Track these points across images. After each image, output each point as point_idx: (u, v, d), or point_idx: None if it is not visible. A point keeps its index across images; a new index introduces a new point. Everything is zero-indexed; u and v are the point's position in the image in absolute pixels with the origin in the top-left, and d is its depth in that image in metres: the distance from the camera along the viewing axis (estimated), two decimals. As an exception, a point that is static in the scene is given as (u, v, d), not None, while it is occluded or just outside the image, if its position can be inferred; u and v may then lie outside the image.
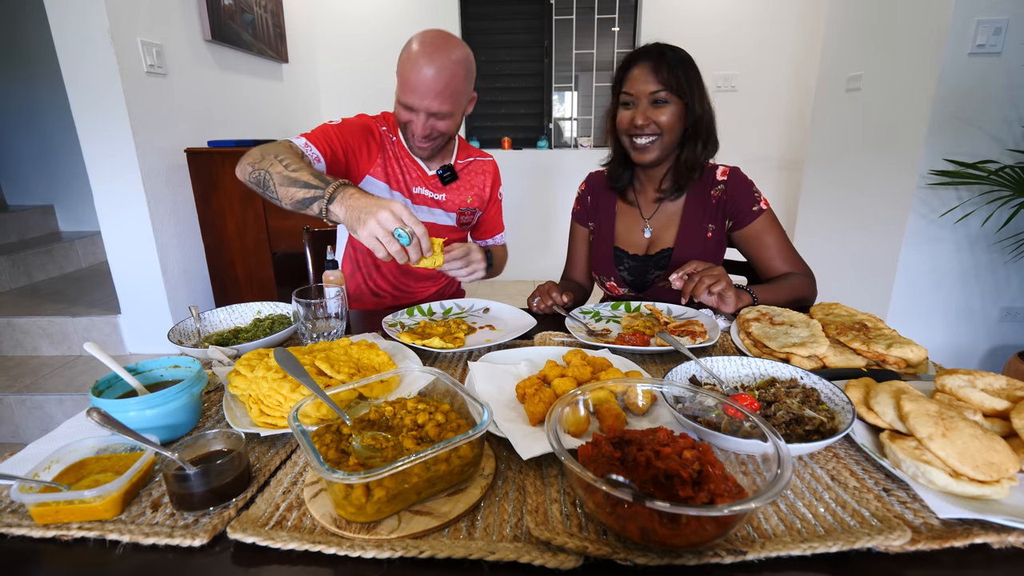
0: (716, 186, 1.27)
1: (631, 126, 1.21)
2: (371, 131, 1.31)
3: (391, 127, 1.35)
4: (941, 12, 2.01)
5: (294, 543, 0.50)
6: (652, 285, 1.32)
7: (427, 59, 1.17)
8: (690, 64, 1.19)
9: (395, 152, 1.34)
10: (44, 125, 3.31)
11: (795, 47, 3.62)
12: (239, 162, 1.13)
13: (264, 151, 1.10)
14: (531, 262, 4.04)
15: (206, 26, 2.46)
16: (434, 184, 1.38)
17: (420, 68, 1.16)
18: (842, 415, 0.67)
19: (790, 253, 1.24)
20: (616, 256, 1.35)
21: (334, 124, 1.27)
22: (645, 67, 1.18)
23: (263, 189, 1.08)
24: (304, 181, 1.00)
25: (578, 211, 1.45)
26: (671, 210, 1.31)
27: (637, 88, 1.19)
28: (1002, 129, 2.05)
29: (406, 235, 0.88)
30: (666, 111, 1.18)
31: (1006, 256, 2.15)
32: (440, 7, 3.69)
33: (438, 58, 1.17)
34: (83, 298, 2.60)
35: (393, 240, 0.88)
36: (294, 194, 1.01)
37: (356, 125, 1.29)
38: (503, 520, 0.54)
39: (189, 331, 1.04)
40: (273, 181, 1.04)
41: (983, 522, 0.52)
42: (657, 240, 1.32)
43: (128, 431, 0.60)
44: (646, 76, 1.18)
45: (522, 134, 4.03)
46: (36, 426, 2.12)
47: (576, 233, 1.47)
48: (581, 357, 0.83)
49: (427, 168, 1.38)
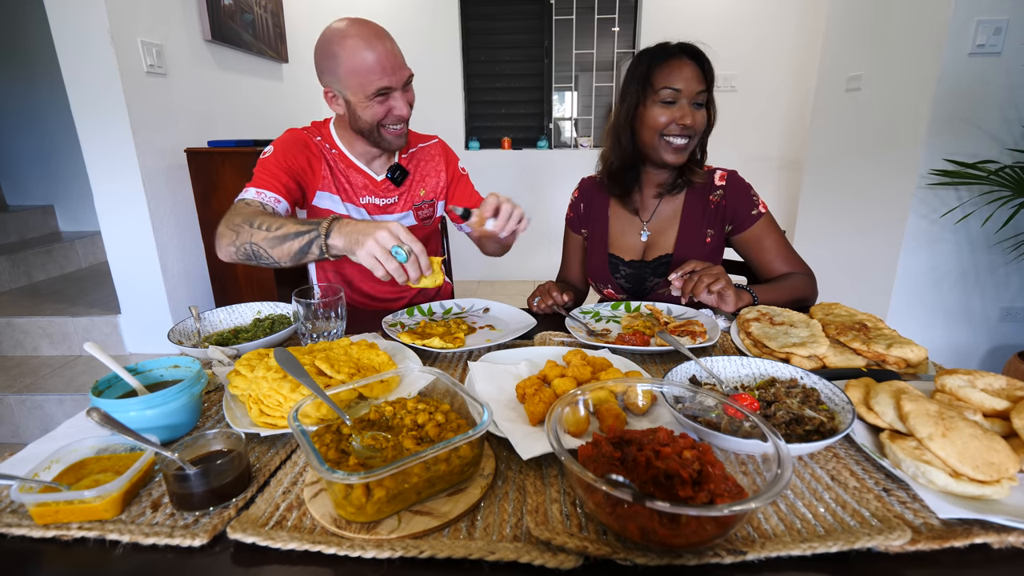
0: (715, 191, 1.26)
1: (675, 124, 1.15)
2: (307, 144, 1.25)
3: (326, 138, 1.28)
4: (941, 12, 2.01)
5: (294, 543, 0.50)
6: (651, 292, 1.31)
7: (373, 35, 1.11)
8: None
9: (335, 163, 1.28)
10: (44, 125, 3.31)
11: (795, 47, 3.62)
12: (217, 245, 1.08)
13: (232, 226, 1.06)
14: (531, 262, 4.05)
15: (206, 26, 2.46)
16: (385, 188, 1.32)
17: (372, 45, 1.10)
18: (842, 415, 0.67)
19: (789, 254, 1.24)
20: (612, 263, 1.33)
21: (269, 156, 1.21)
22: (690, 64, 1.14)
23: (256, 260, 1.05)
24: (293, 232, 0.99)
25: (571, 218, 1.43)
26: (669, 214, 1.30)
27: (686, 85, 1.13)
28: (1002, 129, 2.05)
29: (403, 252, 0.88)
30: (702, 114, 1.17)
31: (1006, 256, 2.15)
32: (440, 7, 3.69)
33: (377, 30, 1.13)
34: (83, 298, 2.60)
35: (391, 258, 0.88)
36: (290, 248, 0.99)
37: (292, 144, 1.23)
38: (503, 520, 0.54)
39: (189, 331, 1.04)
40: (263, 249, 1.02)
41: (983, 522, 0.52)
42: (654, 245, 1.30)
43: (128, 431, 0.60)
44: (694, 74, 1.14)
45: (522, 134, 4.03)
46: (36, 426, 2.12)
47: (570, 239, 1.45)
48: (581, 357, 0.83)
49: (374, 173, 1.31)
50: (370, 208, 1.32)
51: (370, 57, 1.10)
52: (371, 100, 1.15)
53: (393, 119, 1.20)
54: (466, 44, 3.83)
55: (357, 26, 1.12)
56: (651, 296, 1.31)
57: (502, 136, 3.99)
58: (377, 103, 1.16)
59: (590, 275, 1.40)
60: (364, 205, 1.31)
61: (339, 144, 1.29)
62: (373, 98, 1.15)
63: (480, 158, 3.92)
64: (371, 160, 1.31)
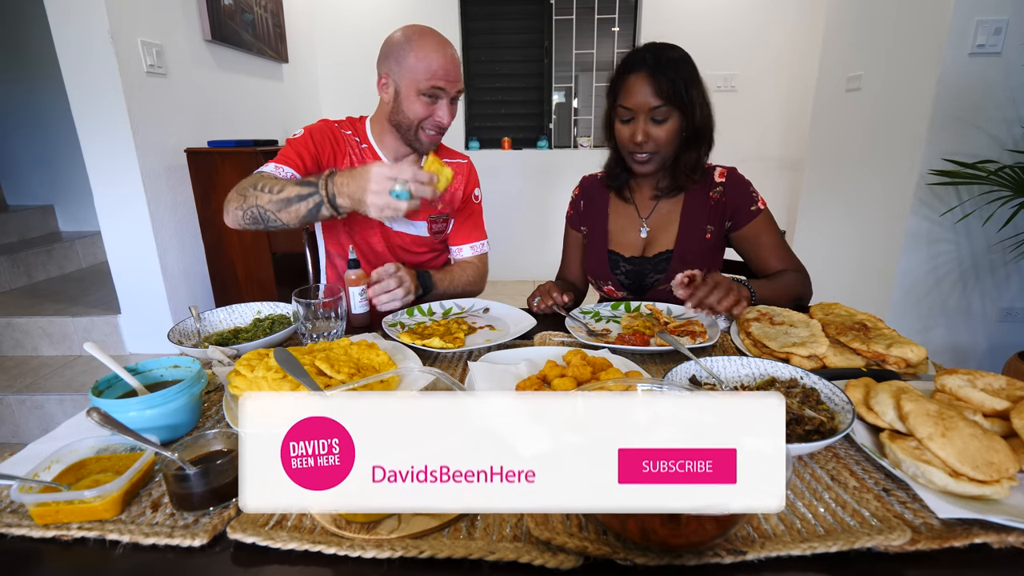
0: (715, 188, 1.26)
1: (630, 143, 1.18)
2: (336, 137, 1.28)
3: (358, 131, 1.31)
4: (941, 12, 2.01)
5: (294, 543, 0.50)
6: (651, 288, 1.31)
7: (446, 43, 1.19)
8: (687, 65, 1.15)
9: (361, 158, 1.30)
10: (44, 125, 3.31)
11: (795, 47, 3.62)
12: (225, 211, 1.11)
13: (239, 191, 1.09)
14: (530, 262, 4.04)
15: (206, 26, 2.46)
16: None
17: (444, 49, 1.17)
18: (842, 415, 0.67)
19: (786, 252, 1.25)
20: (612, 260, 1.33)
21: (297, 137, 1.25)
22: (643, 78, 1.13)
23: (264, 224, 1.07)
24: (296, 195, 1.00)
25: (571, 215, 1.44)
26: (669, 210, 1.30)
27: (636, 102, 1.14)
28: (1002, 129, 2.05)
29: (403, 190, 0.89)
30: (665, 127, 1.15)
31: (1006, 256, 2.15)
32: (440, 7, 3.69)
33: (449, 43, 1.20)
34: (83, 298, 2.60)
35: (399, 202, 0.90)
36: (297, 211, 1.01)
37: (321, 132, 1.26)
38: (503, 520, 0.54)
39: (189, 331, 1.04)
40: (269, 212, 1.04)
41: (983, 522, 0.52)
42: (654, 241, 1.30)
43: (128, 431, 0.60)
44: (644, 89, 1.13)
45: (522, 134, 4.03)
46: (36, 426, 2.12)
47: (570, 237, 1.46)
48: (581, 357, 0.83)
49: None
50: None
51: (438, 56, 1.16)
52: (420, 97, 1.18)
53: (432, 124, 1.23)
54: (466, 44, 3.84)
55: (435, 31, 1.20)
56: (651, 293, 1.31)
57: (502, 136, 3.98)
58: (424, 102, 1.19)
59: (590, 273, 1.40)
60: None
61: (370, 138, 1.32)
62: (423, 95, 1.18)
63: (480, 158, 3.90)
64: (398, 159, 1.32)
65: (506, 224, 3.93)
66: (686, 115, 1.16)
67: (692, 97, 1.15)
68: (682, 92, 1.13)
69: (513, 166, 3.96)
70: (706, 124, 1.20)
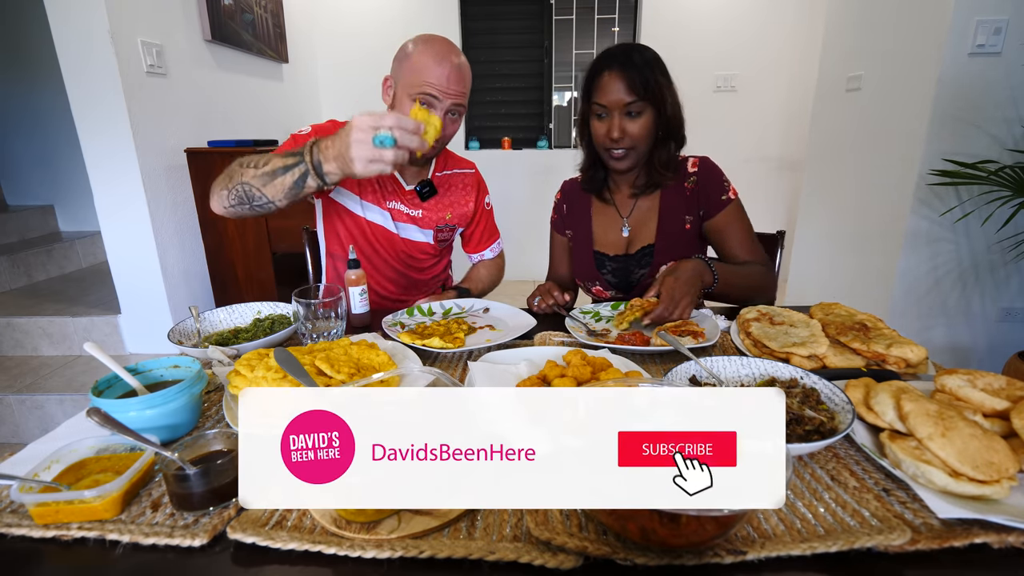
0: (688, 178, 1.27)
1: (606, 139, 1.19)
2: None
3: None
4: (941, 12, 2.01)
5: (294, 543, 0.50)
6: (638, 284, 1.32)
7: (452, 53, 1.17)
8: (659, 64, 1.18)
9: None
10: (44, 125, 3.31)
11: (795, 47, 3.62)
12: (211, 197, 1.09)
13: (228, 173, 1.08)
14: (530, 262, 4.03)
15: (206, 26, 2.46)
16: (410, 199, 1.33)
17: (446, 59, 1.16)
18: (842, 415, 0.67)
19: (753, 244, 1.26)
20: (597, 260, 1.34)
21: (303, 133, 1.23)
22: (615, 75, 1.15)
23: (251, 202, 1.04)
24: (281, 167, 0.97)
25: (555, 220, 1.45)
26: (648, 206, 1.31)
27: (610, 99, 1.15)
28: (1002, 129, 2.05)
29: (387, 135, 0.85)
30: (640, 122, 1.17)
31: (1006, 256, 2.15)
32: (440, 7, 3.70)
33: (459, 55, 1.18)
34: (83, 298, 2.60)
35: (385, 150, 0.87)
36: (282, 184, 0.98)
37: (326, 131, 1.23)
38: (503, 520, 0.54)
39: (189, 331, 1.04)
40: (254, 188, 1.01)
41: (983, 522, 0.52)
42: (636, 237, 1.32)
43: (128, 431, 0.60)
44: (618, 86, 1.14)
45: (522, 134, 4.03)
46: (36, 426, 2.12)
47: (555, 241, 1.46)
48: (581, 357, 0.83)
49: (404, 181, 1.33)
50: (395, 214, 1.33)
51: (435, 64, 1.15)
52: (411, 102, 1.16)
53: None
54: (466, 44, 3.83)
55: (446, 42, 1.20)
56: (638, 288, 1.32)
57: (502, 136, 3.99)
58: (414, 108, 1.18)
59: (577, 275, 1.41)
60: (390, 209, 1.32)
61: None
62: (414, 100, 1.16)
63: (480, 158, 3.90)
64: (404, 167, 1.32)
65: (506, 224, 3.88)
66: (659, 110, 1.18)
67: (662, 92, 1.17)
68: (652, 87, 1.15)
69: (513, 166, 3.96)
70: (677, 120, 1.22)
